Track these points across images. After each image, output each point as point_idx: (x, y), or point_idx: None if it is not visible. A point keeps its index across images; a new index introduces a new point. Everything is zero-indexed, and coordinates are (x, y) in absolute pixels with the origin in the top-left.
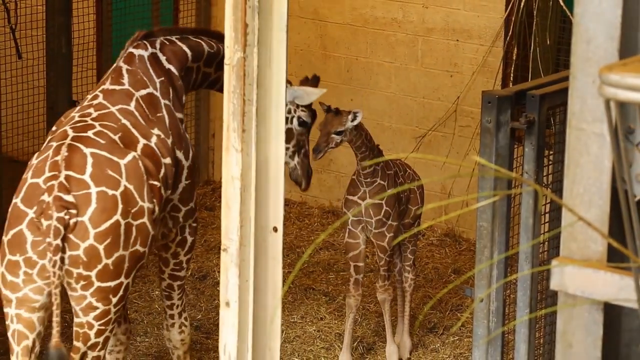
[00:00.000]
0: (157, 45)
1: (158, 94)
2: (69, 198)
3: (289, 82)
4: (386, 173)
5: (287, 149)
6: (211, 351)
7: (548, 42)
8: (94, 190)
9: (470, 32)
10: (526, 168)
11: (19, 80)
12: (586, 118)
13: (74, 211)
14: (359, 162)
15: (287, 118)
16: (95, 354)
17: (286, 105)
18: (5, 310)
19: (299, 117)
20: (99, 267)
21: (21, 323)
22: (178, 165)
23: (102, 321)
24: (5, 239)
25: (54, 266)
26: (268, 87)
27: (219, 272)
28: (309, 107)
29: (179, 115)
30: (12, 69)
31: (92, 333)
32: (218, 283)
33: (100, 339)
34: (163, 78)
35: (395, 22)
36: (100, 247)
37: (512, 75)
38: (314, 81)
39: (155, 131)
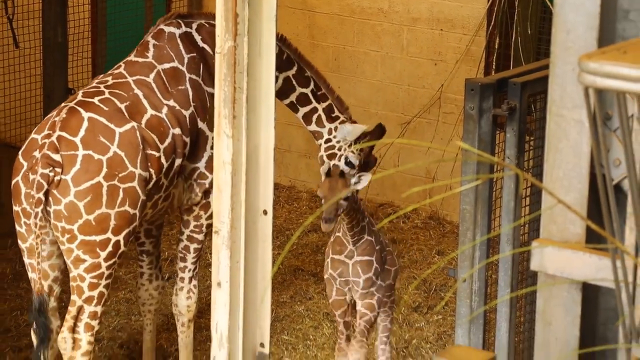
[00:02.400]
0: (194, 26)
1: (184, 68)
2: (56, 157)
3: (344, 121)
4: (372, 229)
5: None
6: (203, 330)
7: (529, 31)
8: (80, 152)
9: (454, 22)
10: (508, 153)
11: (16, 69)
12: (566, 105)
13: (58, 169)
14: (345, 224)
15: (334, 155)
16: (92, 308)
17: (338, 142)
18: (24, 260)
19: (346, 158)
20: (80, 221)
21: (33, 272)
22: (200, 135)
23: (94, 274)
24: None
25: (35, 217)
26: (258, 75)
27: (210, 253)
28: (367, 153)
29: (210, 89)
30: (10, 57)
31: (84, 285)
32: (210, 264)
33: (95, 293)
34: (194, 54)
35: (381, 12)
36: (80, 204)
37: (494, 63)
38: (378, 131)
39: (170, 103)
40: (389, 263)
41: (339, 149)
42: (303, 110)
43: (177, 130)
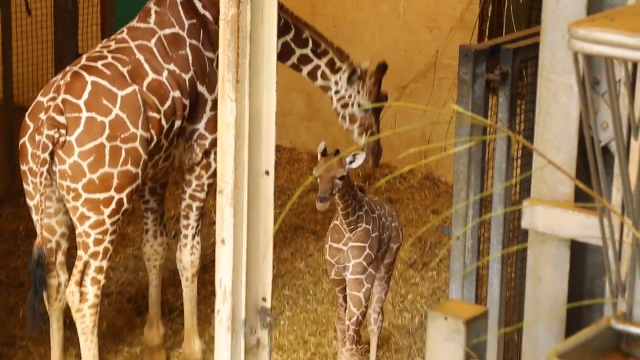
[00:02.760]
0: None
1: (184, 34)
2: (60, 119)
3: (346, 70)
4: (371, 216)
5: (352, 130)
6: (208, 285)
7: (521, 0)
8: (84, 114)
9: None
10: (500, 116)
11: (29, 35)
12: (556, 70)
13: (63, 131)
14: (340, 210)
15: (346, 104)
16: (97, 263)
17: (346, 90)
18: (32, 216)
19: (359, 103)
20: (84, 180)
21: (41, 228)
22: (200, 98)
23: (98, 230)
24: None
25: (40, 176)
26: (260, 41)
27: (215, 212)
28: (375, 93)
29: (209, 54)
30: (22, 24)
31: (89, 241)
32: (214, 223)
33: (100, 248)
34: (194, 21)
35: None
36: (84, 164)
37: (487, 30)
38: (381, 69)
39: (171, 67)
40: (393, 240)
41: (349, 97)
42: (306, 69)
43: (177, 93)
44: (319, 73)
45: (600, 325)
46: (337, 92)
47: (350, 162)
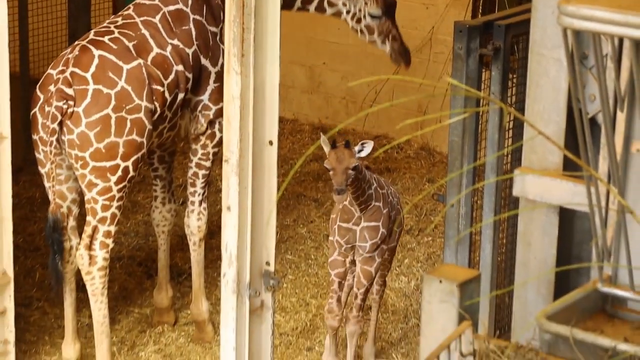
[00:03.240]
0: None
1: (188, 9)
2: (69, 91)
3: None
4: (380, 192)
5: (374, 41)
6: (214, 250)
7: None
8: (91, 87)
9: None
10: (493, 89)
11: (44, 12)
12: (546, 45)
13: (71, 102)
14: (350, 194)
15: (359, 18)
16: (105, 228)
17: (355, 5)
18: (44, 184)
19: (369, 13)
20: (91, 149)
21: (52, 194)
22: (204, 71)
23: (105, 197)
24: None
25: (50, 145)
26: (264, 17)
27: (221, 180)
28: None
29: (212, 29)
30: (37, 1)
31: (98, 207)
32: (220, 190)
33: (107, 214)
34: None
35: None
36: (91, 134)
37: (480, 7)
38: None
39: (174, 42)
40: (398, 224)
41: (359, 10)
42: (312, 6)
43: (180, 67)
44: (325, 4)
45: (586, 288)
46: (347, 11)
47: (359, 151)
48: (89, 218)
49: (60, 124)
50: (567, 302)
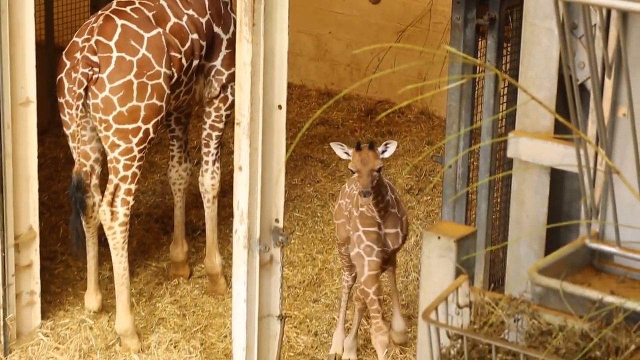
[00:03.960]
0: None
1: None
2: (94, 58)
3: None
4: (393, 198)
5: None
6: (227, 207)
7: None
8: (115, 54)
9: None
10: (488, 57)
11: None
12: (538, 15)
13: (96, 69)
14: (371, 201)
15: None
16: (126, 186)
17: None
18: (69, 144)
19: None
20: (114, 113)
21: (76, 154)
22: (216, 38)
23: (127, 157)
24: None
25: (76, 109)
26: None
27: (233, 142)
28: None
29: None
30: None
31: (120, 167)
32: (232, 152)
33: (129, 173)
34: None
35: None
36: (114, 98)
37: None
38: None
39: (190, 12)
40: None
41: None
42: None
43: (195, 36)
44: None
45: (576, 244)
46: None
47: (383, 152)
48: (111, 177)
49: (86, 89)
50: (557, 257)
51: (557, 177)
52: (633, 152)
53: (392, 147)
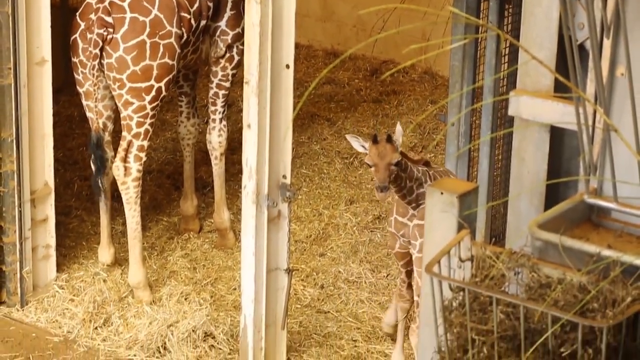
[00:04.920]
0: None
1: None
2: (108, 19)
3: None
4: None
5: None
6: (236, 164)
7: None
8: (128, 15)
9: None
10: (491, 18)
11: None
12: None
13: (110, 29)
14: (395, 192)
15: None
16: (139, 142)
17: None
18: (83, 102)
19: None
20: (128, 71)
21: (91, 112)
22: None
23: (140, 114)
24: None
25: (92, 69)
26: None
27: (242, 101)
28: None
29: None
30: None
31: (133, 124)
32: (241, 110)
33: (141, 130)
34: None
35: None
36: (128, 58)
37: None
38: None
39: None
40: None
41: None
42: None
43: None
44: None
45: (574, 200)
46: None
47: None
48: (124, 133)
49: (101, 49)
50: (556, 212)
51: (557, 135)
52: (630, 111)
53: (399, 133)
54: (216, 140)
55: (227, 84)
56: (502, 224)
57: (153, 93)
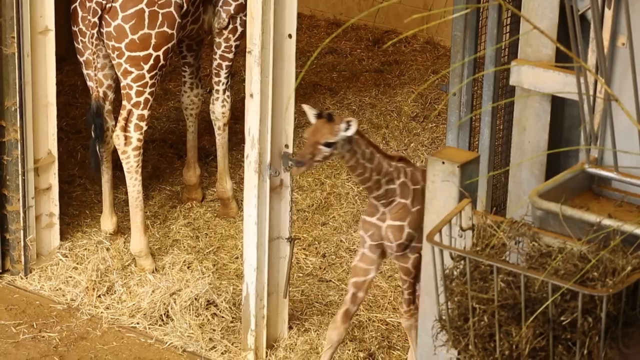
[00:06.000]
0: None
1: None
2: None
3: None
4: (410, 188)
5: None
6: (238, 134)
7: None
8: None
9: None
10: None
11: None
12: None
13: None
14: (360, 184)
15: None
16: (139, 112)
17: None
18: (83, 71)
19: None
20: (127, 40)
21: (91, 81)
22: None
23: (139, 83)
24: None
25: (91, 37)
26: None
27: (245, 71)
28: None
29: None
30: None
31: (132, 93)
32: (244, 80)
33: (141, 99)
34: None
35: None
36: (126, 26)
37: None
38: None
39: None
40: None
41: None
42: None
43: None
44: None
45: (575, 169)
46: None
47: (346, 130)
48: (124, 103)
49: (100, 17)
50: (557, 181)
51: (558, 105)
52: (631, 81)
53: (354, 125)
54: (219, 110)
55: (231, 55)
56: (503, 193)
57: (151, 62)
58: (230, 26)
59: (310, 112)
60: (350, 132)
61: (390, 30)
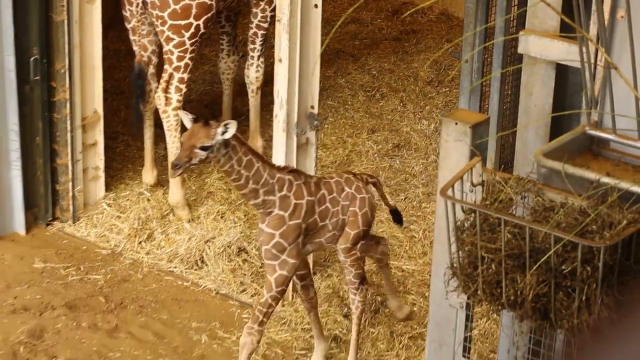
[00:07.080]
0: None
1: None
2: None
3: None
4: (292, 202)
5: None
6: (268, 96)
7: None
8: None
9: None
10: None
11: None
12: None
13: None
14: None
15: None
16: (179, 75)
17: None
18: (130, 37)
19: None
20: (169, 10)
21: (136, 46)
22: None
23: (180, 49)
24: None
25: (136, 6)
26: None
27: (274, 37)
28: None
29: None
30: None
31: (174, 58)
32: (273, 46)
33: (181, 64)
34: None
35: None
36: None
37: None
38: None
39: None
40: (349, 225)
41: None
42: None
43: None
44: None
45: (577, 131)
46: None
47: (223, 133)
48: (166, 66)
49: None
50: (560, 142)
51: (562, 72)
52: (629, 50)
53: (232, 128)
54: (254, 75)
55: (266, 25)
56: (510, 152)
57: (192, 30)
58: None
59: (186, 118)
60: (227, 135)
61: (408, 2)
